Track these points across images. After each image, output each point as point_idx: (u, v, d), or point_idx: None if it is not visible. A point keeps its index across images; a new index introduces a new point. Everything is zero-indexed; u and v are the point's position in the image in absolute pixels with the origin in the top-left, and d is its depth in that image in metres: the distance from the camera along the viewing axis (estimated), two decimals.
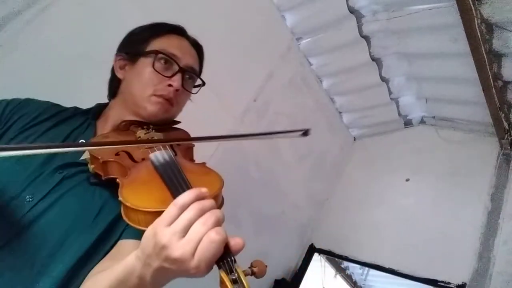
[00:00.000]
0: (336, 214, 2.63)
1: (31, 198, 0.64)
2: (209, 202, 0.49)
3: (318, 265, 3.17)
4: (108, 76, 0.93)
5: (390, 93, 2.53)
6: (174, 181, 0.57)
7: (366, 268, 3.30)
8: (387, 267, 2.21)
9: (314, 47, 2.38)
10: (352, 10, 2.10)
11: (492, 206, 2.06)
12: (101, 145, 0.71)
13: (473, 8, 1.55)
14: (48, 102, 0.86)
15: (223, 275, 0.45)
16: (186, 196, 0.48)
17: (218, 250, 0.45)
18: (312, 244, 2.56)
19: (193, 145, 0.84)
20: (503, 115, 2.03)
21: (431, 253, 2.08)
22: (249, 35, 2.06)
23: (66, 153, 0.72)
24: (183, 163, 0.69)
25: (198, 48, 0.94)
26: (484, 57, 1.73)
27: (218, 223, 0.47)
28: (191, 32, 0.96)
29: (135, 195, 0.57)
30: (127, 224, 0.57)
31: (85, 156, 0.71)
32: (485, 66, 1.77)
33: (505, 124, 2.07)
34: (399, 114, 2.68)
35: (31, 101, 0.83)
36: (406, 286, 2.80)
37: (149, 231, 0.48)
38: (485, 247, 1.94)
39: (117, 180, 0.63)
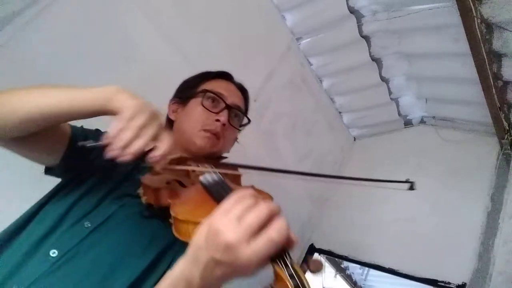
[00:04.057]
0: (336, 214, 2.63)
1: (89, 224, 0.69)
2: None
3: None
4: (108, 75, 0.94)
5: (390, 93, 2.53)
6: (223, 195, 0.57)
7: (366, 268, 3.30)
8: (387, 267, 2.21)
9: (314, 47, 2.38)
10: (352, 10, 2.10)
11: (492, 206, 2.06)
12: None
13: (473, 8, 1.55)
14: None
15: (279, 269, 0.43)
16: (244, 191, 0.49)
17: (277, 244, 0.43)
18: (312, 244, 2.56)
19: (240, 174, 0.89)
20: (503, 115, 2.03)
21: (431, 253, 2.08)
22: (249, 35, 2.06)
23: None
24: (232, 185, 0.72)
25: (243, 91, 1.03)
26: (484, 57, 1.73)
27: (274, 213, 0.46)
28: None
29: (185, 209, 0.59)
30: (177, 252, 0.57)
31: (140, 190, 0.75)
32: (485, 66, 1.77)
33: (505, 124, 2.07)
34: (399, 114, 2.68)
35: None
36: (406, 286, 2.80)
37: (204, 224, 0.47)
38: (485, 247, 1.94)
39: (168, 200, 0.64)
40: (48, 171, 0.80)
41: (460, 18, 1.62)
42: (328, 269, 3.37)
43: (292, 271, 0.43)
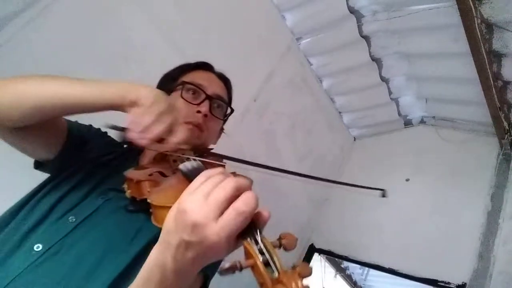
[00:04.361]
0: (336, 214, 2.64)
1: (74, 219, 0.69)
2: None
3: (318, 265, 3.17)
4: (108, 75, 0.93)
5: (390, 93, 2.53)
6: None
7: (366, 268, 3.30)
8: (387, 267, 2.22)
9: (314, 47, 2.38)
10: (352, 10, 2.10)
11: (492, 206, 2.06)
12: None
13: (473, 8, 1.55)
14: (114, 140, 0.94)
15: (248, 245, 0.41)
16: (213, 169, 0.47)
17: (245, 216, 0.41)
18: (312, 244, 2.56)
19: (224, 164, 0.87)
20: (503, 115, 2.03)
21: (431, 253, 2.08)
22: (249, 35, 2.06)
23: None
24: None
25: (225, 80, 0.99)
26: (484, 57, 1.73)
27: (242, 187, 0.44)
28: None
29: (162, 195, 0.59)
30: None
31: (125, 184, 0.74)
32: (485, 66, 1.77)
33: (505, 124, 2.07)
34: (399, 114, 2.69)
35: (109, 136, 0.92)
36: (406, 286, 2.81)
37: (173, 207, 0.46)
38: (485, 247, 1.94)
39: (148, 190, 0.64)
40: (39, 166, 0.79)
41: (460, 18, 1.62)
42: (328, 269, 3.37)
43: (262, 246, 0.41)
